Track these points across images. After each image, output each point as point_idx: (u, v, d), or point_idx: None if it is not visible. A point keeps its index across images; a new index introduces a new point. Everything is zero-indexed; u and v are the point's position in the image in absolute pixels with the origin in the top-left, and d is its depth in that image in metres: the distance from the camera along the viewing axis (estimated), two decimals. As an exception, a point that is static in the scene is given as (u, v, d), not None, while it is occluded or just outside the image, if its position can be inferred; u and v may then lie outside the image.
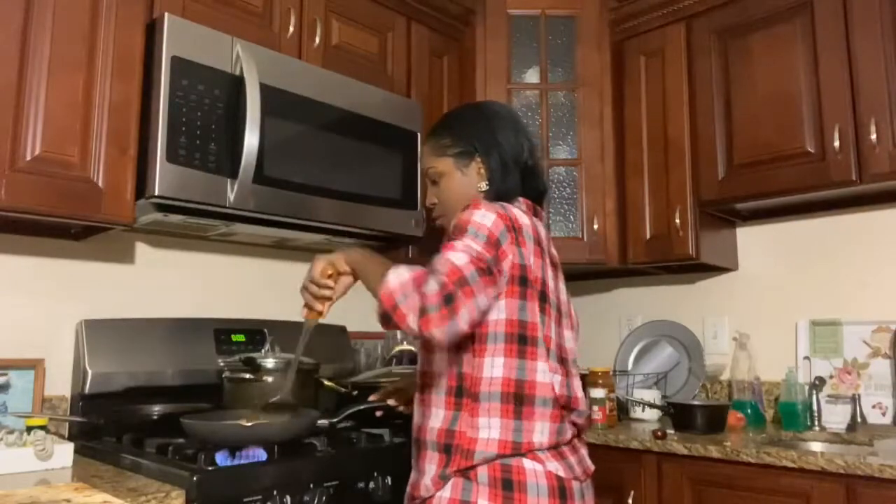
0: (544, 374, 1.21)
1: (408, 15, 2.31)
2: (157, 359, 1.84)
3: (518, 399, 1.18)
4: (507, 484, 1.14)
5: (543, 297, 1.24)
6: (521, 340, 1.20)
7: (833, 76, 2.03)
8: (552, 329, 1.25)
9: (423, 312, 1.07)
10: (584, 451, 1.29)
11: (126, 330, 1.82)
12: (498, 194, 1.34)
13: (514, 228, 1.22)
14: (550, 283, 1.27)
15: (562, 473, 1.18)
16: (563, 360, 1.26)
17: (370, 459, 1.57)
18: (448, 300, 1.07)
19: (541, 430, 1.18)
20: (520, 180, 1.37)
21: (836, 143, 2.00)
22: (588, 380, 2.22)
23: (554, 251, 1.35)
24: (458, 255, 1.14)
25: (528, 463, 1.16)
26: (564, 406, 1.22)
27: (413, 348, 2.12)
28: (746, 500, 1.76)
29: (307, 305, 1.33)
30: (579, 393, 1.28)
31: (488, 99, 2.33)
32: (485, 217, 1.20)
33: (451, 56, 2.45)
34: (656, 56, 2.44)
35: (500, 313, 1.20)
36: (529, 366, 1.20)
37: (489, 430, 1.17)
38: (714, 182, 2.26)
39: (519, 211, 1.28)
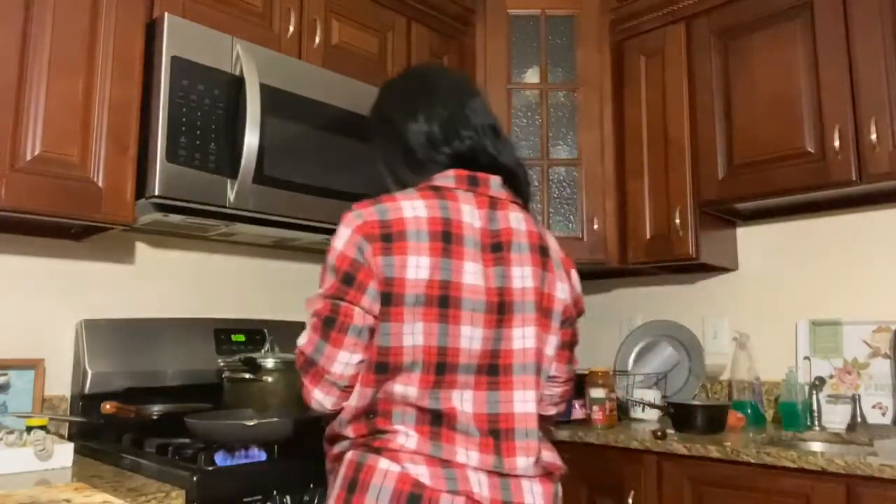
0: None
1: (408, 15, 2.31)
2: (157, 359, 1.84)
3: None
4: None
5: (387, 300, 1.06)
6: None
7: (833, 76, 2.03)
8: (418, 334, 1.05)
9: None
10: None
11: (126, 330, 1.82)
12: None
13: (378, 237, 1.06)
14: (434, 276, 1.05)
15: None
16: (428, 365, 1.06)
17: (370, 459, 1.56)
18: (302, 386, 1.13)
19: None
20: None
21: (836, 143, 2.00)
22: (588, 380, 2.23)
23: (509, 224, 1.14)
24: (302, 335, 1.13)
25: None
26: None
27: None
28: (746, 500, 1.76)
29: None
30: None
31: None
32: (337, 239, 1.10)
33: (451, 56, 2.45)
34: (656, 56, 2.44)
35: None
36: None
37: None
38: (714, 182, 2.26)
39: (409, 202, 1.09)
